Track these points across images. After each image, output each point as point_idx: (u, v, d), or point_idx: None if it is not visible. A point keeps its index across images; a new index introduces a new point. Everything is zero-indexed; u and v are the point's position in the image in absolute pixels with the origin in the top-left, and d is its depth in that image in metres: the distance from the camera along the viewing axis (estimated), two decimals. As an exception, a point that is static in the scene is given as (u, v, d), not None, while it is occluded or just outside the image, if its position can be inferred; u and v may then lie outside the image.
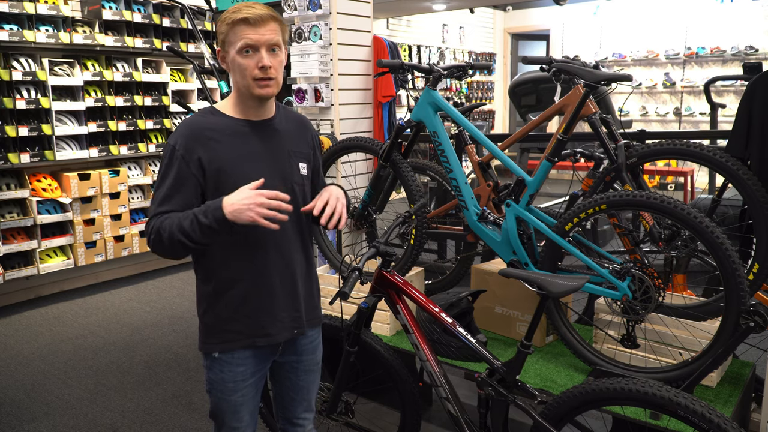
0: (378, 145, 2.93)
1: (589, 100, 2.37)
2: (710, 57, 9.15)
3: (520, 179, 2.54)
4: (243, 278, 1.74)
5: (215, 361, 1.78)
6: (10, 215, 4.64)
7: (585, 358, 2.43)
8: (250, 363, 1.80)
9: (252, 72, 1.64)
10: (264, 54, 1.64)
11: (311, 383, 1.99)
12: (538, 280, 1.90)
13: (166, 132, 5.62)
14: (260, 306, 1.76)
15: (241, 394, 1.80)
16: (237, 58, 1.65)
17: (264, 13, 1.63)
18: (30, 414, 3.19)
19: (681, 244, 2.35)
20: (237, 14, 1.62)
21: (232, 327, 1.76)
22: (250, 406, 1.85)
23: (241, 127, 1.72)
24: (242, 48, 1.63)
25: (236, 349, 1.77)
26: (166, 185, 1.66)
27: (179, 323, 4.44)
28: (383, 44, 3.70)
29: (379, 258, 2.15)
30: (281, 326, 1.80)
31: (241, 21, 1.62)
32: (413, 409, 2.36)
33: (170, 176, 1.66)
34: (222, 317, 1.76)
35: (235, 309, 1.75)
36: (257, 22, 1.62)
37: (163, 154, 1.70)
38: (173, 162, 1.66)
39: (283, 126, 1.82)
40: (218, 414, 1.84)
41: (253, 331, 1.77)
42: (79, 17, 5.00)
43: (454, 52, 10.19)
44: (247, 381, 1.80)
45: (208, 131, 1.68)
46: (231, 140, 1.70)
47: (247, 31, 1.62)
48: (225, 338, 1.76)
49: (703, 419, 1.59)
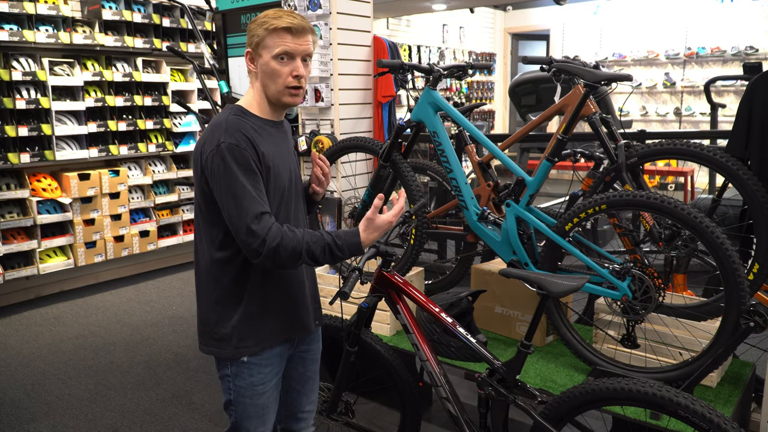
0: (378, 145, 2.93)
1: (589, 100, 2.37)
2: (710, 57, 9.14)
3: (520, 179, 2.54)
4: (280, 277, 1.79)
5: (243, 366, 1.77)
6: (10, 215, 4.64)
7: (585, 358, 2.43)
8: (275, 362, 1.83)
9: (285, 79, 1.69)
10: (299, 63, 1.69)
11: (315, 373, 2.05)
12: (538, 280, 1.90)
13: (167, 132, 5.62)
14: (294, 298, 1.83)
15: (267, 396, 1.83)
16: (272, 63, 1.68)
17: (306, 25, 1.69)
18: (30, 414, 3.19)
19: (681, 244, 2.35)
20: (279, 21, 1.65)
21: (267, 324, 1.77)
22: (273, 409, 1.88)
23: (269, 127, 1.77)
24: (279, 54, 1.67)
25: (269, 347, 1.79)
26: (249, 184, 1.61)
27: (179, 323, 4.44)
28: (383, 44, 3.71)
29: (379, 258, 2.15)
30: (309, 317, 1.88)
31: (284, 29, 1.66)
32: (413, 409, 2.36)
33: (247, 174, 1.62)
34: (257, 316, 1.76)
35: (271, 305, 1.78)
36: (299, 32, 1.67)
37: (218, 155, 1.61)
38: (242, 161, 1.61)
39: (285, 126, 1.89)
40: (243, 423, 1.82)
41: (289, 324, 1.82)
42: (79, 17, 5.00)
43: (454, 52, 10.19)
44: (272, 380, 1.84)
45: (252, 131, 1.68)
46: (268, 139, 1.74)
47: (288, 38, 1.66)
48: (261, 337, 1.77)
49: (704, 419, 1.59)
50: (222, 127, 1.66)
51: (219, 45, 4.23)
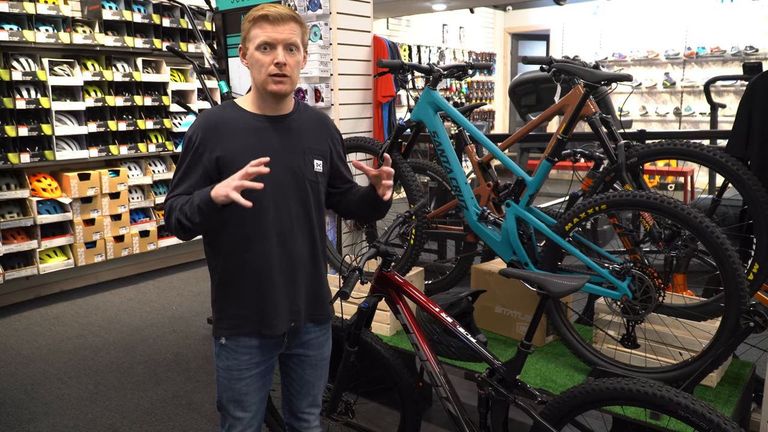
0: (378, 145, 2.93)
1: (589, 100, 2.37)
2: (710, 57, 9.15)
3: (520, 179, 2.54)
4: (246, 267, 1.80)
5: (222, 347, 1.85)
6: (10, 215, 4.64)
7: (585, 358, 2.43)
8: (255, 353, 1.85)
9: (267, 68, 1.72)
10: (280, 51, 1.71)
11: (317, 378, 2.02)
12: (539, 280, 1.90)
13: (167, 132, 5.63)
14: (262, 295, 1.81)
15: (245, 383, 1.85)
16: (255, 53, 1.73)
17: (284, 13, 1.71)
18: (30, 414, 3.19)
19: (681, 244, 2.35)
20: (259, 12, 1.70)
21: (239, 313, 1.82)
22: (255, 399, 1.88)
23: (257, 122, 1.78)
24: (260, 44, 1.71)
25: (242, 335, 1.82)
26: (180, 171, 1.78)
27: (179, 323, 4.44)
28: (383, 44, 3.70)
29: (379, 258, 2.15)
30: (280, 318, 1.83)
31: (261, 18, 1.70)
32: (413, 409, 2.36)
33: (184, 164, 1.77)
34: (230, 303, 1.83)
35: (241, 296, 1.82)
36: (277, 20, 1.70)
37: (183, 143, 1.81)
38: (188, 150, 1.76)
39: (302, 123, 1.86)
40: (223, 403, 1.89)
41: (257, 319, 1.82)
42: (79, 17, 5.00)
43: (454, 52, 10.19)
44: (251, 370, 1.85)
45: (222, 124, 1.77)
46: (244, 133, 1.76)
47: (267, 28, 1.70)
48: (232, 323, 1.83)
49: (704, 419, 1.59)
50: (198, 117, 1.81)
51: (219, 45, 4.23)
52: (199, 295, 5.07)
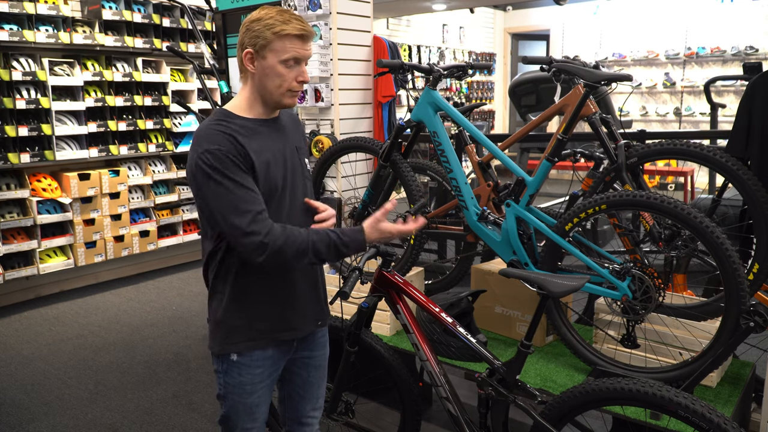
0: (378, 145, 2.93)
1: (589, 100, 2.37)
2: (710, 57, 9.14)
3: (520, 179, 2.54)
4: (267, 273, 1.76)
5: (233, 364, 1.78)
6: (10, 215, 4.64)
7: (585, 358, 2.43)
8: (267, 364, 1.82)
9: (290, 83, 1.69)
10: (304, 68, 1.71)
11: (320, 380, 2.02)
12: (539, 280, 1.90)
13: (167, 132, 5.63)
14: (285, 300, 1.80)
15: (257, 396, 1.83)
16: (279, 67, 1.66)
17: (311, 31, 1.70)
18: (30, 414, 3.19)
19: (681, 244, 2.35)
20: (290, 27, 1.64)
21: (256, 325, 1.77)
22: (264, 408, 1.88)
23: (258, 127, 1.75)
24: (288, 59, 1.66)
25: (257, 348, 1.78)
26: (237, 185, 1.60)
27: (179, 323, 4.44)
28: (383, 44, 3.71)
29: (379, 258, 2.15)
30: (305, 320, 1.85)
31: (295, 36, 1.65)
32: (413, 409, 2.36)
33: (230, 179, 1.60)
34: (247, 315, 1.77)
35: (258, 309, 1.77)
36: (307, 39, 1.69)
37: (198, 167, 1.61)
38: (225, 164, 1.60)
39: (285, 123, 1.86)
40: (232, 417, 1.84)
41: (277, 326, 1.80)
42: (79, 17, 5.00)
43: (454, 52, 10.19)
44: (263, 382, 1.83)
45: (235, 132, 1.65)
46: (257, 138, 1.71)
47: (298, 45, 1.67)
48: (249, 336, 1.77)
49: (704, 419, 1.59)
50: (200, 135, 1.65)
51: (219, 45, 4.23)
52: (199, 295, 5.07)
